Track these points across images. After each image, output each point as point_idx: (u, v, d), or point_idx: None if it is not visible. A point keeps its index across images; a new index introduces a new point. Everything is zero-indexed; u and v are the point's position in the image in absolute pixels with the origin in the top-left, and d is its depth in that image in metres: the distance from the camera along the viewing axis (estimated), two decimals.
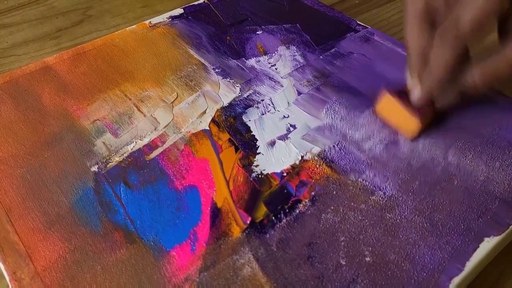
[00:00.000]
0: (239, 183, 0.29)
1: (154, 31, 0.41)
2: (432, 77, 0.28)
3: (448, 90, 0.29)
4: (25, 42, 0.47)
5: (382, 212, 0.27)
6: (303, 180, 0.29)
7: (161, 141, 0.31)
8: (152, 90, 0.35)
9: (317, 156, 0.30)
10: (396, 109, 0.30)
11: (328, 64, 0.37)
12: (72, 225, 0.26)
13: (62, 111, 0.33)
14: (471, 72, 0.28)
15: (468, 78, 0.28)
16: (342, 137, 0.31)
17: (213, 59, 0.38)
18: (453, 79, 0.28)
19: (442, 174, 0.29)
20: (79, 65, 0.37)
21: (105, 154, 0.30)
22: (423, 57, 0.28)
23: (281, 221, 0.26)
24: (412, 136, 0.31)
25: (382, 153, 0.30)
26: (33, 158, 0.30)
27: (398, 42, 0.39)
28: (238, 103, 0.34)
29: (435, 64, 0.28)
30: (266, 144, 0.31)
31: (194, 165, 0.30)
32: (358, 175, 0.29)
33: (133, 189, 0.28)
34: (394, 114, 0.31)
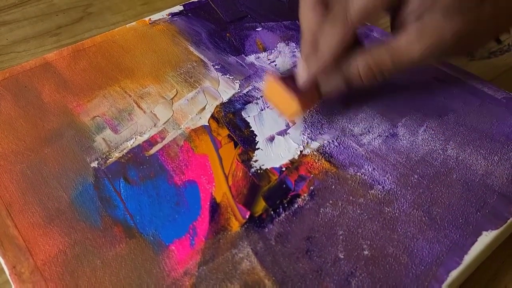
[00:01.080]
0: (238, 178, 0.29)
1: (154, 28, 0.41)
2: (318, 61, 0.28)
3: (333, 77, 0.29)
4: (25, 39, 0.48)
5: (381, 206, 0.27)
6: (302, 174, 0.29)
7: (161, 137, 0.31)
8: (152, 87, 0.35)
9: (316, 151, 0.30)
10: (278, 93, 0.30)
11: None
12: (72, 220, 0.27)
13: (62, 108, 0.34)
14: (356, 61, 0.28)
15: (353, 66, 0.28)
16: (341, 132, 0.31)
17: (213, 56, 0.38)
18: (338, 66, 0.28)
19: (441, 167, 0.29)
20: (79, 62, 0.38)
21: (105, 150, 0.31)
22: (313, 40, 0.27)
23: (280, 216, 0.27)
24: (292, 119, 0.31)
25: (381, 146, 0.30)
26: (33, 154, 0.30)
27: None
28: (237, 99, 0.34)
29: (322, 48, 0.27)
30: (265, 139, 0.31)
31: (194, 160, 0.30)
32: (357, 169, 0.29)
33: (133, 184, 0.28)
34: (278, 97, 0.30)
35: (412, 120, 0.32)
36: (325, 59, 0.27)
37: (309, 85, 0.29)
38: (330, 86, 0.29)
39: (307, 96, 0.29)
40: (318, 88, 0.30)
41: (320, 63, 0.28)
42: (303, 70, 0.29)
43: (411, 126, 0.32)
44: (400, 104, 0.33)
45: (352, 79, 0.28)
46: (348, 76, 0.28)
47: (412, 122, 0.32)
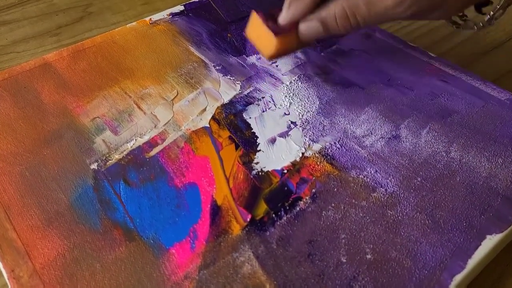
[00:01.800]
0: (239, 181, 0.28)
1: (154, 28, 0.41)
2: (298, 3, 0.30)
3: (312, 21, 0.30)
4: (25, 39, 0.47)
5: (384, 209, 0.27)
6: (303, 177, 0.28)
7: (161, 138, 0.31)
8: (152, 88, 0.35)
9: (318, 153, 0.30)
10: (259, 28, 0.31)
11: (330, 61, 0.37)
12: (71, 223, 0.26)
13: (62, 109, 0.33)
14: (333, 5, 0.29)
15: (329, 9, 0.29)
16: (343, 134, 0.31)
17: (214, 56, 0.38)
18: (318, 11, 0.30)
19: (444, 170, 0.29)
20: (79, 62, 0.37)
21: (104, 151, 0.30)
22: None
23: (282, 219, 0.26)
24: (269, 55, 0.32)
25: (384, 149, 0.30)
26: (32, 155, 0.30)
27: (399, 39, 0.39)
28: (238, 101, 0.34)
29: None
30: (267, 141, 0.31)
31: (194, 162, 0.30)
32: (359, 171, 0.29)
33: (133, 186, 0.28)
34: (258, 33, 0.31)
35: (415, 122, 0.32)
36: (305, 2, 0.30)
37: (290, 26, 0.31)
38: (308, 28, 0.31)
39: (286, 38, 0.31)
40: (297, 34, 0.31)
41: (301, 6, 0.30)
42: (285, 12, 0.31)
43: (413, 128, 0.31)
44: (402, 106, 0.33)
45: (328, 23, 0.30)
46: (325, 19, 0.30)
47: (415, 124, 0.32)
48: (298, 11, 0.30)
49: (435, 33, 0.47)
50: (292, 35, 0.31)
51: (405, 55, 0.38)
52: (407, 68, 0.36)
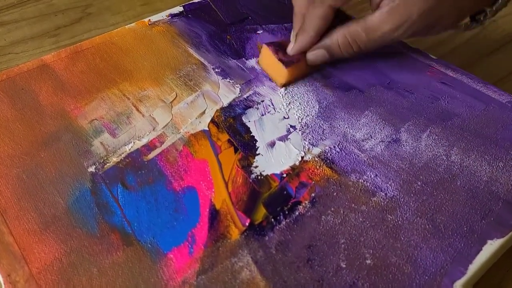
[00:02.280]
0: (238, 185, 0.28)
1: (153, 29, 0.41)
2: (305, 37, 0.33)
3: (318, 49, 0.34)
4: (23, 40, 0.47)
5: (383, 213, 0.26)
6: (303, 181, 0.28)
7: (160, 141, 0.31)
8: (151, 90, 0.35)
9: (317, 157, 0.30)
10: (271, 60, 0.34)
11: (329, 65, 0.37)
12: (68, 227, 0.26)
13: (60, 111, 0.33)
14: (336, 34, 0.33)
15: (333, 38, 0.33)
16: (342, 138, 0.31)
17: (213, 59, 0.38)
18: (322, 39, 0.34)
19: (444, 174, 0.29)
20: (77, 64, 0.37)
21: (102, 154, 0.30)
22: (302, 20, 0.33)
23: (281, 223, 0.26)
24: (282, 83, 0.35)
25: (384, 152, 0.30)
26: (29, 158, 0.30)
27: (400, 41, 0.39)
28: (237, 104, 0.34)
29: (307, 27, 0.33)
30: (266, 145, 0.31)
31: (193, 166, 0.29)
32: (359, 175, 0.28)
33: (131, 190, 0.28)
34: (269, 63, 0.35)
35: (415, 125, 0.32)
36: (311, 35, 0.33)
37: (298, 56, 0.34)
38: (315, 56, 0.34)
39: (295, 67, 0.34)
40: (305, 59, 0.35)
41: (307, 39, 0.33)
42: (293, 44, 0.34)
43: (414, 131, 0.31)
44: (402, 109, 0.33)
45: (333, 50, 0.34)
46: (330, 47, 0.33)
47: (415, 128, 0.31)
48: (304, 43, 0.34)
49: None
50: (300, 63, 0.34)
51: (406, 57, 0.37)
52: (408, 71, 0.36)
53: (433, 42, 0.45)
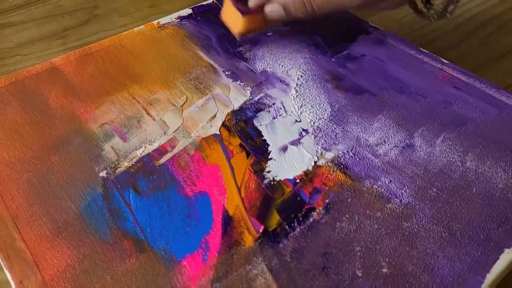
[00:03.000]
0: (251, 190, 0.28)
1: (162, 32, 0.40)
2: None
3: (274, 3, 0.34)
4: (31, 41, 0.47)
5: (399, 220, 0.26)
6: (316, 187, 0.28)
7: (171, 145, 0.31)
8: (161, 93, 0.35)
9: (330, 161, 0.29)
10: (230, 10, 0.35)
11: (341, 67, 0.37)
12: (81, 233, 0.26)
13: (70, 114, 0.33)
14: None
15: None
16: (355, 142, 0.31)
17: (223, 61, 0.37)
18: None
19: (460, 180, 0.28)
20: (86, 67, 0.37)
21: (113, 159, 0.30)
22: None
23: (295, 230, 0.26)
24: (238, 32, 0.36)
25: (398, 158, 0.30)
26: (40, 162, 0.30)
27: (411, 45, 0.39)
28: (249, 107, 0.33)
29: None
30: (278, 149, 0.30)
31: (205, 170, 0.29)
32: (373, 181, 0.28)
33: (143, 195, 0.28)
34: (229, 14, 0.36)
35: (429, 130, 0.31)
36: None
37: (257, 9, 0.35)
38: (271, 10, 0.35)
39: (253, 18, 0.35)
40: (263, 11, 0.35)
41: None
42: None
43: (428, 136, 0.31)
44: (416, 114, 0.32)
45: (288, 7, 0.34)
46: (285, 4, 0.34)
47: (429, 133, 0.31)
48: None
49: (446, 38, 0.46)
50: (259, 15, 0.35)
51: (417, 61, 0.37)
52: (420, 75, 0.36)
53: (443, 46, 0.45)
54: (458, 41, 0.46)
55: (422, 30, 0.47)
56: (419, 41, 0.45)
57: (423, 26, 0.47)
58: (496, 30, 0.47)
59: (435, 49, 0.44)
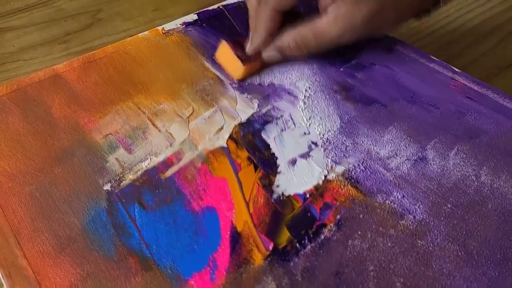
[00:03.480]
0: (259, 205, 0.27)
1: (167, 38, 0.40)
2: (257, 36, 0.35)
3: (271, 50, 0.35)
4: (32, 46, 0.46)
5: (413, 238, 0.25)
6: (327, 202, 0.27)
7: (177, 158, 0.30)
8: (167, 104, 0.34)
9: (341, 175, 0.29)
10: (229, 55, 0.36)
11: (349, 77, 0.36)
12: (84, 250, 0.25)
13: (73, 124, 0.32)
14: (286, 36, 0.34)
15: (283, 40, 0.34)
16: (366, 155, 0.30)
17: None
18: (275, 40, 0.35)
19: (475, 196, 0.27)
20: (90, 74, 0.36)
21: (118, 171, 0.29)
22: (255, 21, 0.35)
23: (306, 248, 0.25)
24: (238, 78, 0.36)
25: (410, 171, 0.29)
26: (42, 174, 0.29)
27: (422, 53, 0.38)
28: (256, 119, 0.33)
29: (258, 28, 0.34)
30: (287, 162, 0.29)
31: (212, 184, 0.28)
32: (385, 196, 0.27)
33: (148, 210, 0.27)
34: (227, 59, 0.36)
35: (442, 142, 0.30)
36: (262, 36, 0.35)
37: (253, 54, 0.36)
38: (269, 56, 0.36)
39: (252, 64, 0.36)
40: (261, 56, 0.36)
41: (259, 39, 0.35)
42: (250, 44, 0.36)
43: (441, 149, 0.30)
44: (428, 125, 0.32)
45: (285, 52, 0.35)
46: (281, 48, 0.35)
47: (441, 145, 0.30)
48: (258, 43, 0.35)
49: (454, 45, 0.45)
50: (256, 60, 0.36)
51: (428, 69, 0.36)
52: (431, 84, 0.35)
53: (452, 53, 0.44)
54: (466, 48, 0.45)
55: (429, 38, 0.46)
56: (426, 48, 0.44)
57: (428, 34, 0.47)
58: (505, 37, 0.46)
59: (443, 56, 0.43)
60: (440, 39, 0.46)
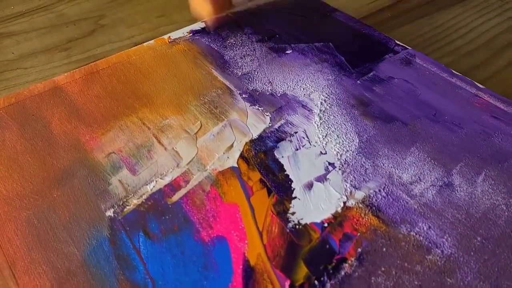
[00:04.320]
0: (274, 235, 0.25)
1: (173, 47, 0.38)
2: None
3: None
4: (33, 53, 0.44)
5: (441, 276, 0.23)
6: (347, 233, 0.25)
7: (185, 180, 0.28)
8: (173, 118, 0.32)
9: (361, 202, 0.26)
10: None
11: (367, 91, 0.34)
12: (85, 284, 0.23)
13: (74, 141, 0.30)
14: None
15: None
16: (388, 179, 0.28)
17: (239, 83, 0.34)
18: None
19: (506, 227, 0.25)
20: (92, 86, 0.34)
21: (121, 195, 0.27)
22: None
23: (325, 286, 0.23)
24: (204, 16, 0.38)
25: (436, 199, 0.27)
26: (41, 198, 0.27)
27: (443, 67, 0.36)
28: (268, 136, 0.30)
29: None
30: (303, 186, 0.27)
31: (222, 211, 0.26)
32: (410, 227, 0.25)
33: (154, 239, 0.25)
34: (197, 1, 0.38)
35: (469, 166, 0.28)
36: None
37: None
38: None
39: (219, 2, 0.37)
40: None
41: None
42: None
43: (467, 174, 0.28)
44: (452, 146, 0.30)
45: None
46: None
47: (468, 169, 0.28)
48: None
49: (474, 55, 0.43)
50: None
51: (451, 85, 0.34)
52: (454, 101, 0.33)
53: (471, 64, 0.42)
54: (487, 60, 0.43)
55: (448, 47, 0.44)
56: (444, 60, 0.42)
57: (445, 44, 0.44)
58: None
59: (462, 68, 0.41)
60: (458, 50, 0.44)
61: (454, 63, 0.42)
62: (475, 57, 0.43)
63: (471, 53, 0.44)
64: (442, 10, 0.50)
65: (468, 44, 0.45)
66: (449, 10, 0.50)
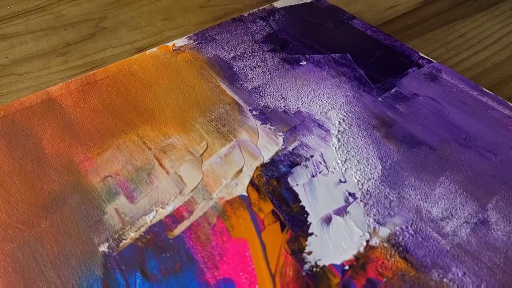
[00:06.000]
0: (288, 279, 0.22)
1: (178, 56, 0.35)
2: None
3: None
4: (27, 58, 0.41)
5: None
6: (371, 278, 0.22)
7: (188, 210, 0.25)
8: (177, 137, 0.29)
9: (386, 241, 0.23)
10: None
11: (389, 109, 0.31)
12: None
13: (66, 162, 0.27)
14: None
15: None
16: (415, 214, 0.25)
17: (249, 97, 0.31)
18: None
19: None
20: (89, 99, 0.31)
21: (117, 226, 0.24)
22: None
23: None
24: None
25: (470, 239, 0.24)
26: (27, 228, 0.24)
27: (472, 83, 0.33)
28: (281, 159, 0.27)
29: None
30: (320, 220, 0.24)
31: (230, 248, 0.23)
32: (442, 272, 0.22)
33: (152, 281, 0.22)
34: None
35: (505, 200, 0.25)
36: None
37: None
38: None
39: None
40: None
41: None
42: None
43: (504, 209, 0.25)
44: (486, 177, 0.26)
45: None
46: None
47: (505, 204, 0.25)
48: None
49: (501, 68, 0.40)
50: None
51: (482, 105, 0.31)
52: (486, 123, 0.30)
53: (495, 80, 0.39)
54: (511, 76, 0.39)
55: (473, 59, 0.41)
56: (468, 73, 0.39)
57: (469, 56, 0.41)
58: None
59: (488, 83, 0.38)
60: (483, 62, 0.41)
61: (479, 76, 0.39)
62: (503, 70, 0.40)
63: (497, 66, 0.41)
64: (464, 19, 0.47)
65: (494, 55, 0.42)
66: (471, 19, 0.47)
